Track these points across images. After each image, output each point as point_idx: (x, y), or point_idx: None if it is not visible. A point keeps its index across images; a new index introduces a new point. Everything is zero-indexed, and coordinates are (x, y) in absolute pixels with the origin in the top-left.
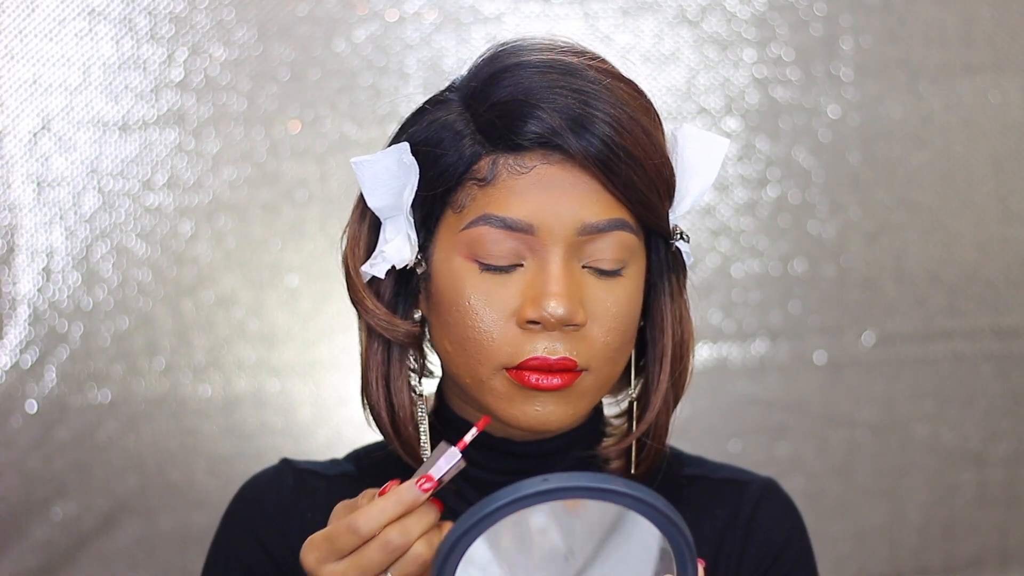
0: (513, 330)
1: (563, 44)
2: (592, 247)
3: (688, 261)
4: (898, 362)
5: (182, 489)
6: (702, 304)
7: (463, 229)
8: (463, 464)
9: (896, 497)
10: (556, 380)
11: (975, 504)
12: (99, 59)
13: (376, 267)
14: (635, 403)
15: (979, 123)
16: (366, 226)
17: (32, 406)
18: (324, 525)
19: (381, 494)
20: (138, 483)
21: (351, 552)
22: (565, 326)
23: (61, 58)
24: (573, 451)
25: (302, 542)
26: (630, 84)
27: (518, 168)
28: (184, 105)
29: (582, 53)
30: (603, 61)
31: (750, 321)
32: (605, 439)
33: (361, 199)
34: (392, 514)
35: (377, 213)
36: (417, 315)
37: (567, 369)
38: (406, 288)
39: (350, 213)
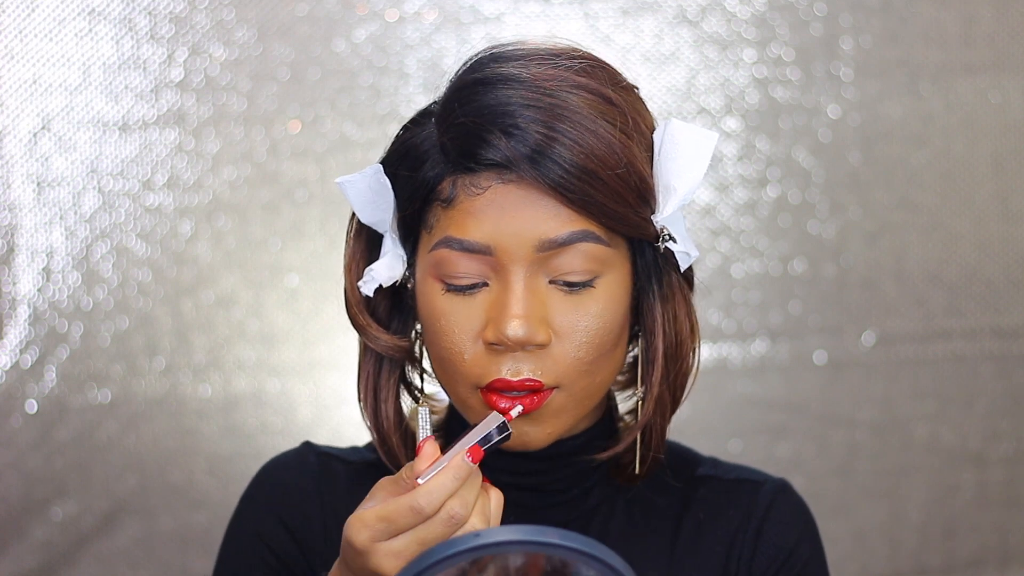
0: (481, 350)
1: (540, 49)
2: (556, 261)
3: (686, 261)
4: (898, 362)
5: (182, 489)
6: (702, 304)
7: (430, 251)
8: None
9: (896, 497)
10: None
11: (975, 504)
12: (99, 59)
13: (366, 285)
14: (640, 404)
15: (979, 123)
16: (362, 242)
17: (32, 406)
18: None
19: (418, 450)
20: (138, 483)
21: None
22: (528, 346)
23: (61, 58)
24: (581, 454)
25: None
26: (596, 92)
27: (474, 189)
28: (184, 105)
29: (553, 57)
30: (567, 68)
31: (750, 321)
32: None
33: (355, 215)
34: (452, 489)
35: (373, 227)
36: (419, 327)
37: (533, 390)
38: (401, 303)
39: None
